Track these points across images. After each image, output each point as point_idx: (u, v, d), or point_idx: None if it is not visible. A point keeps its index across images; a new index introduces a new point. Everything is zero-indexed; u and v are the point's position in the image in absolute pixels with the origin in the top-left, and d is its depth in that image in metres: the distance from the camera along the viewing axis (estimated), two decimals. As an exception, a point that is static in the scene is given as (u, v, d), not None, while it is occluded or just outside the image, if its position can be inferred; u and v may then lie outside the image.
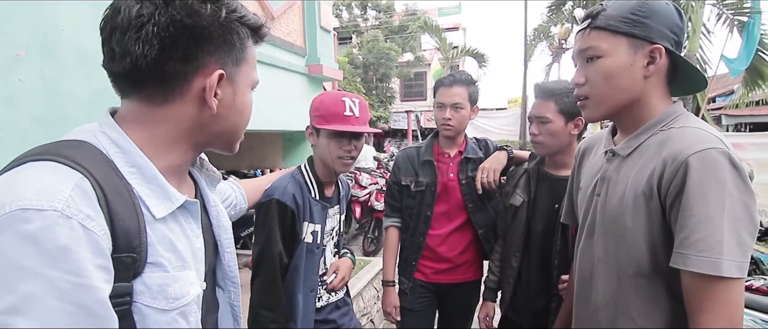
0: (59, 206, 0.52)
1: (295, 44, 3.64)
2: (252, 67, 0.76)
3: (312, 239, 1.44)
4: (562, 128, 1.54)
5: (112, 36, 0.63)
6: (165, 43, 0.62)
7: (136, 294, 0.61)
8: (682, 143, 0.89)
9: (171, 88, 0.66)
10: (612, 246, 1.00)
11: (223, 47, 0.68)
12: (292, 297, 1.41)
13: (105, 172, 0.60)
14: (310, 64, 3.79)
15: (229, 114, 0.72)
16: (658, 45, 0.94)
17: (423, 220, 1.87)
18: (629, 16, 0.94)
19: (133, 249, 0.60)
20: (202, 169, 0.86)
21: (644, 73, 0.96)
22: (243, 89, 0.74)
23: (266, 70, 3.20)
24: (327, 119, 1.42)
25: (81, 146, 0.63)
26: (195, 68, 0.66)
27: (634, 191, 0.94)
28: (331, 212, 1.54)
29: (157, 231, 0.65)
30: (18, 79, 1.47)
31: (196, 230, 0.75)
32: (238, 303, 0.91)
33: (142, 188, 0.65)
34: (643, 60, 0.95)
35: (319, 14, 3.88)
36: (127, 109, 0.69)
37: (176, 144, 0.70)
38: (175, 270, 0.66)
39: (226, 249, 0.86)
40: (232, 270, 0.88)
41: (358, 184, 6.43)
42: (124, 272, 0.59)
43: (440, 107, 1.82)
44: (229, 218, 1.18)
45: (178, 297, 0.66)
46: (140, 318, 0.62)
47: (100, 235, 0.55)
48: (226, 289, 0.89)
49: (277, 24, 3.42)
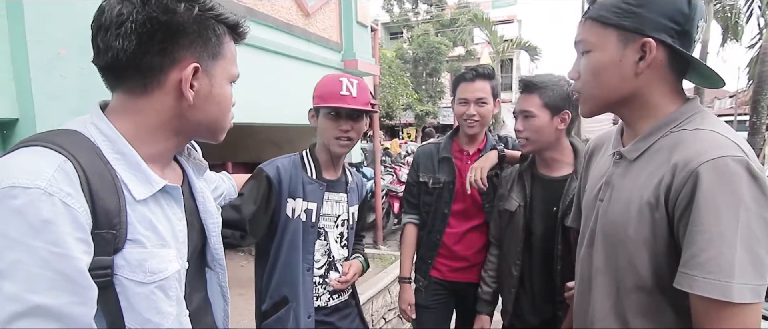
0: (43, 185, 0.59)
1: (330, 40, 3.71)
2: (230, 62, 0.81)
3: (305, 217, 1.45)
4: (547, 123, 1.48)
5: (98, 33, 0.70)
6: (142, 39, 0.68)
7: (117, 268, 0.67)
8: (694, 149, 0.79)
9: (149, 79, 0.72)
10: (612, 256, 0.93)
11: (198, 42, 0.73)
12: (293, 274, 1.43)
13: (89, 157, 0.67)
14: (345, 59, 3.85)
15: (206, 105, 0.77)
16: (649, 39, 0.83)
17: (440, 217, 1.85)
18: (620, 5, 0.85)
19: (113, 226, 0.66)
20: (189, 158, 0.93)
21: (635, 69, 0.86)
22: (220, 82, 0.79)
23: (301, 66, 3.30)
24: (324, 98, 1.43)
25: (70, 134, 0.70)
26: (171, 61, 0.72)
27: (640, 200, 0.86)
28: (334, 196, 1.54)
29: (137, 212, 0.71)
30: (60, 75, 1.63)
31: (178, 213, 0.81)
32: (225, 283, 0.98)
33: (125, 173, 0.71)
34: (634, 55, 0.85)
35: (356, 10, 3.92)
36: (115, 101, 0.76)
37: (158, 133, 0.76)
38: (153, 247, 0.71)
39: (212, 232, 0.92)
40: (218, 252, 0.94)
41: (398, 179, 6.46)
42: (105, 247, 0.66)
43: (463, 103, 1.78)
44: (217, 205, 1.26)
45: (155, 271, 0.71)
46: (122, 290, 0.69)
47: (80, 211, 0.62)
48: (215, 270, 0.95)
49: (313, 20, 3.50)
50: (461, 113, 1.78)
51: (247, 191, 1.37)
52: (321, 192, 1.49)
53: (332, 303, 1.55)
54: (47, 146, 0.64)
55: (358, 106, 1.42)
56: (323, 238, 1.52)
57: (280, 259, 1.45)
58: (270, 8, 3.03)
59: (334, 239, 1.55)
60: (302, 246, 1.45)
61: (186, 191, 0.88)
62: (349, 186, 1.60)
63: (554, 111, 1.47)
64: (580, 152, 1.55)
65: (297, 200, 1.45)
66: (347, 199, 1.58)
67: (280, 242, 1.45)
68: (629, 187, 0.90)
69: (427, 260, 1.90)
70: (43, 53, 1.59)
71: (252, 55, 2.90)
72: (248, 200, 1.35)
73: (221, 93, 0.80)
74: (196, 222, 0.88)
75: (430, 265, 1.89)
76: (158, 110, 0.74)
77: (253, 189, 1.38)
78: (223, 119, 0.83)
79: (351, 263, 1.56)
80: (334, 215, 1.55)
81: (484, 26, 14.99)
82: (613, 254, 0.92)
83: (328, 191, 1.52)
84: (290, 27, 3.21)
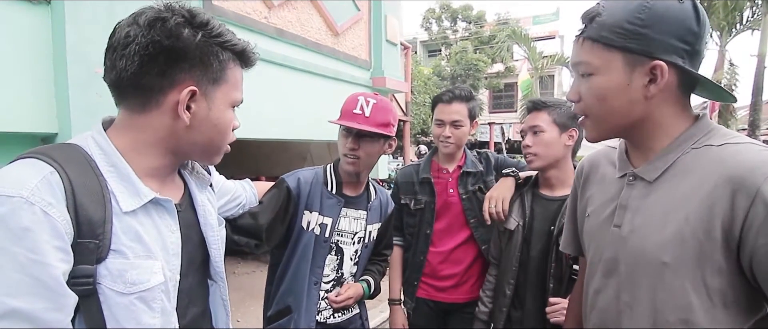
0: (25, 194, 0.62)
1: (359, 58, 3.79)
2: (233, 87, 0.82)
3: (319, 231, 1.45)
4: (556, 139, 1.50)
5: (107, 52, 0.75)
6: (144, 60, 0.72)
7: (99, 277, 0.69)
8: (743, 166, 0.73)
9: (148, 98, 0.75)
10: (644, 289, 0.84)
11: (199, 67, 0.76)
12: (300, 286, 1.44)
13: (79, 169, 0.70)
14: (374, 77, 3.90)
15: (202, 127, 0.79)
16: (659, 62, 0.77)
17: (423, 238, 1.85)
18: (625, 26, 0.78)
19: (96, 236, 0.68)
20: (192, 172, 0.96)
21: (645, 93, 0.80)
22: (219, 106, 0.81)
23: (330, 84, 3.38)
24: (340, 115, 1.46)
25: (68, 147, 0.74)
26: (170, 83, 0.74)
27: (678, 223, 0.78)
28: (353, 213, 1.53)
29: (123, 222, 0.72)
30: (96, 93, 1.75)
31: (171, 226, 0.82)
32: (227, 298, 1.00)
33: (116, 185, 0.73)
34: (643, 78, 0.79)
35: (386, 28, 3.99)
36: (119, 117, 0.81)
37: (153, 149, 0.80)
38: (136, 258, 0.73)
39: (212, 245, 0.94)
40: (218, 265, 0.96)
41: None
42: (88, 256, 0.68)
43: (439, 124, 1.81)
44: (232, 216, 1.29)
45: (135, 282, 0.72)
46: (104, 299, 0.71)
47: (60, 221, 0.64)
48: (217, 283, 0.97)
49: (342, 39, 3.59)
50: (437, 133, 1.81)
51: (267, 201, 1.39)
52: (338, 208, 1.49)
53: (333, 320, 1.54)
54: (40, 158, 0.68)
55: (367, 126, 1.41)
56: (335, 253, 1.52)
57: (290, 269, 1.46)
58: (300, 28, 3.14)
59: (350, 257, 1.55)
60: (312, 260, 1.45)
61: (187, 205, 0.90)
62: (371, 204, 1.59)
63: (562, 128, 1.50)
64: None
65: (313, 214, 1.46)
66: (367, 217, 1.57)
67: (292, 252, 1.46)
68: (658, 210, 0.83)
69: (412, 282, 1.88)
70: (81, 72, 1.72)
71: (284, 74, 3.01)
72: (266, 209, 1.37)
73: (219, 117, 0.81)
74: (195, 236, 0.90)
75: (416, 287, 1.88)
76: (155, 128, 0.77)
77: (272, 198, 1.41)
78: (220, 142, 0.84)
79: (350, 285, 1.54)
80: (351, 231, 1.54)
81: (522, 42, 14.78)
82: (646, 286, 0.84)
83: (347, 207, 1.52)
84: (319, 46, 3.30)
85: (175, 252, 0.82)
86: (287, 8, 3.05)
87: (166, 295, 0.78)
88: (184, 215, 0.87)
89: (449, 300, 1.84)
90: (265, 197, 1.41)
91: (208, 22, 0.76)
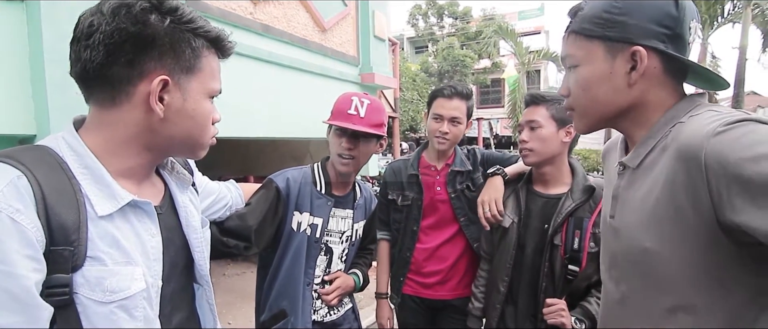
0: None
1: (347, 54, 3.74)
2: (209, 76, 0.78)
3: (310, 231, 1.43)
4: (553, 134, 1.47)
5: (72, 44, 0.71)
6: (110, 50, 0.67)
7: (76, 286, 0.65)
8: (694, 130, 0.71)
9: (117, 91, 0.70)
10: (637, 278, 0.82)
11: (170, 55, 0.71)
12: (294, 287, 1.41)
13: (50, 172, 0.66)
14: (362, 73, 3.87)
15: (178, 120, 0.75)
16: (638, 47, 0.78)
17: (409, 235, 1.83)
18: (603, 15, 0.80)
19: (71, 242, 0.64)
20: (173, 172, 0.91)
21: (628, 80, 0.80)
22: (195, 96, 0.76)
23: (318, 81, 3.33)
24: (333, 115, 1.45)
25: (36, 149, 0.69)
26: (139, 73, 0.70)
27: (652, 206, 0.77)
28: (341, 212, 1.52)
29: (99, 228, 0.68)
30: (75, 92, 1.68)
31: (151, 230, 0.77)
32: (212, 300, 0.95)
33: (91, 188, 0.69)
34: (625, 66, 0.80)
35: (374, 24, 3.95)
36: (89, 114, 0.76)
37: (128, 147, 0.74)
38: (115, 264, 0.68)
39: (195, 248, 0.90)
40: (202, 269, 0.92)
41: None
42: (63, 264, 0.63)
43: (437, 119, 1.75)
44: (219, 218, 1.24)
45: (115, 290, 0.68)
46: (83, 309, 0.66)
47: (29, 228, 0.60)
48: (203, 286, 0.93)
49: (330, 35, 3.54)
50: (434, 129, 1.75)
51: (256, 202, 1.36)
52: (328, 208, 1.47)
53: (330, 318, 1.53)
54: (5, 162, 0.64)
55: (363, 127, 1.40)
56: (325, 254, 1.51)
57: (282, 272, 1.43)
58: (286, 24, 3.08)
59: (338, 256, 1.54)
60: (305, 261, 1.43)
61: (168, 206, 0.86)
62: (357, 203, 1.58)
63: (560, 123, 1.46)
64: (578, 172, 1.52)
65: (304, 214, 1.44)
66: (353, 215, 1.56)
67: (283, 254, 1.43)
68: (636, 197, 0.82)
69: (399, 277, 1.87)
70: (60, 71, 1.66)
71: (271, 70, 2.95)
72: (255, 211, 1.34)
73: (196, 108, 0.77)
74: (177, 239, 0.86)
75: (402, 283, 1.86)
76: (127, 123, 0.72)
77: (261, 200, 1.38)
78: (199, 135, 0.80)
79: (337, 274, 1.52)
80: (339, 231, 1.53)
81: (509, 38, 14.83)
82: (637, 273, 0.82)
83: (336, 207, 1.51)
84: (306, 42, 3.25)
85: (156, 257, 0.78)
86: (273, 4, 2.99)
87: (148, 302, 0.74)
88: (164, 218, 0.83)
89: (435, 296, 1.83)
90: (253, 199, 1.37)
91: (177, 8, 0.72)
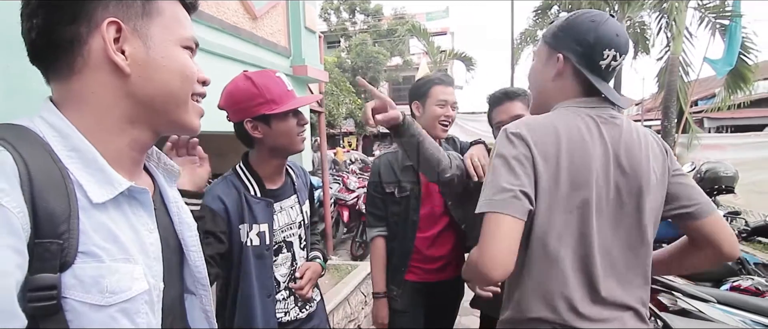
0: None
1: (278, 45, 3.58)
2: (173, 21, 0.68)
3: (259, 241, 1.33)
4: None
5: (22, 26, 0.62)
6: (49, 9, 0.59)
7: (66, 289, 0.53)
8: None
9: (72, 54, 0.61)
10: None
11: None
12: (249, 306, 1.32)
13: (35, 151, 0.55)
14: (294, 65, 3.72)
15: (148, 72, 0.65)
16: (559, 54, 1.07)
17: (410, 225, 1.83)
18: (553, 28, 1.10)
19: (59, 234, 0.53)
20: (159, 163, 0.80)
21: (550, 75, 1.10)
22: (161, 43, 0.66)
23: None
24: (280, 100, 1.30)
25: (14, 127, 0.58)
26: (87, 26, 0.61)
27: None
28: (285, 205, 1.44)
29: (92, 218, 0.58)
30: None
31: (148, 224, 0.67)
32: (210, 309, 0.83)
33: (81, 173, 0.59)
34: (552, 69, 1.10)
35: (304, 15, 3.82)
36: (54, 95, 0.64)
37: (107, 122, 0.64)
38: (112, 261, 0.58)
39: (190, 247, 0.78)
40: (199, 271, 0.80)
41: (346, 188, 6.37)
42: (50, 261, 0.52)
43: (442, 105, 1.78)
44: None
45: (115, 291, 0.57)
46: (73, 316, 0.54)
47: (15, 212, 0.49)
48: (197, 293, 0.81)
49: (260, 24, 3.35)
50: (439, 114, 1.77)
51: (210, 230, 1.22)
52: (270, 211, 1.36)
53: (303, 314, 1.47)
54: None
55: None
56: (286, 250, 1.43)
57: (239, 291, 1.32)
58: (216, 9, 2.85)
59: (299, 247, 1.47)
60: (257, 274, 1.33)
61: (158, 202, 0.75)
62: (297, 186, 1.50)
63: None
64: None
65: (244, 225, 1.32)
66: (298, 199, 1.49)
67: (238, 272, 1.32)
68: None
69: (400, 268, 1.86)
70: None
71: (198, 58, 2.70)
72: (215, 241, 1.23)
73: (167, 56, 0.66)
74: (171, 240, 0.75)
75: (404, 273, 1.86)
76: (96, 91, 0.62)
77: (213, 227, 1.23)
78: (180, 88, 0.69)
79: (308, 265, 1.46)
80: (291, 222, 1.45)
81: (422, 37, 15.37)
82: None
83: (278, 202, 1.41)
84: (237, 30, 3.04)
85: (156, 256, 0.67)
86: (201, -14, 2.75)
87: (151, 307, 0.63)
88: (158, 215, 0.72)
89: (437, 279, 1.87)
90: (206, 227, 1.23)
91: None
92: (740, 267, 2.95)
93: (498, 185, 0.96)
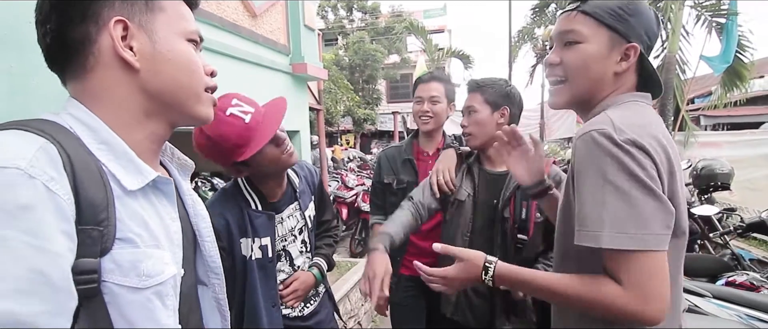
0: (22, 165, 0.50)
1: (278, 42, 3.59)
2: (177, 16, 0.71)
3: (261, 254, 1.36)
4: (488, 117, 1.59)
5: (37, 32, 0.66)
6: (59, 11, 0.63)
7: (105, 273, 0.57)
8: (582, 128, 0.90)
9: (84, 54, 0.64)
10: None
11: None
12: (256, 318, 1.34)
13: (72, 145, 0.59)
14: (294, 63, 3.74)
15: (156, 66, 0.68)
16: (634, 44, 0.93)
17: None
18: (616, 10, 0.93)
19: (100, 222, 0.57)
20: (173, 157, 0.84)
21: (616, 68, 0.95)
22: (166, 37, 0.69)
23: (249, 69, 3.14)
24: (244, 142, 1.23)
25: (47, 122, 0.61)
26: (96, 25, 0.64)
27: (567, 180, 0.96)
28: (286, 214, 1.45)
29: (127, 207, 0.62)
30: None
31: (171, 213, 0.72)
32: (223, 297, 0.86)
33: (113, 164, 0.63)
34: (617, 56, 0.94)
35: (303, 13, 3.83)
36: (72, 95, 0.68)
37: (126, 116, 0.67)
38: (146, 247, 0.62)
39: (205, 237, 0.82)
40: (213, 260, 0.83)
41: (344, 185, 6.38)
42: (91, 247, 0.56)
43: (419, 102, 1.90)
44: None
45: (151, 274, 0.61)
46: (111, 299, 0.58)
47: (65, 199, 0.53)
48: (210, 283, 0.84)
49: (260, 22, 3.36)
50: (417, 110, 1.91)
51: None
52: (272, 224, 1.38)
53: (308, 309, 1.50)
54: (26, 129, 0.55)
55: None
56: (284, 259, 1.45)
57: (246, 303, 1.35)
58: (216, 7, 2.86)
59: (299, 251, 1.49)
60: (262, 286, 1.35)
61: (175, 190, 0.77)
62: (299, 191, 1.50)
63: (494, 107, 1.60)
64: None
65: (248, 240, 1.34)
66: (300, 205, 1.49)
67: (242, 286, 1.35)
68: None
69: (396, 258, 1.87)
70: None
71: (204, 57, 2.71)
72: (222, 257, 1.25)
73: (172, 50, 0.69)
74: (187, 230, 0.78)
75: (399, 263, 1.91)
76: (111, 88, 0.66)
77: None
78: (190, 81, 0.71)
79: (297, 276, 1.46)
80: (290, 229, 1.46)
81: (419, 35, 15.35)
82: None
83: (280, 212, 1.43)
84: (237, 28, 3.05)
85: (179, 243, 0.71)
86: (201, -16, 2.75)
87: (175, 291, 0.67)
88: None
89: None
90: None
91: None
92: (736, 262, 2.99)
93: (644, 217, 0.79)
